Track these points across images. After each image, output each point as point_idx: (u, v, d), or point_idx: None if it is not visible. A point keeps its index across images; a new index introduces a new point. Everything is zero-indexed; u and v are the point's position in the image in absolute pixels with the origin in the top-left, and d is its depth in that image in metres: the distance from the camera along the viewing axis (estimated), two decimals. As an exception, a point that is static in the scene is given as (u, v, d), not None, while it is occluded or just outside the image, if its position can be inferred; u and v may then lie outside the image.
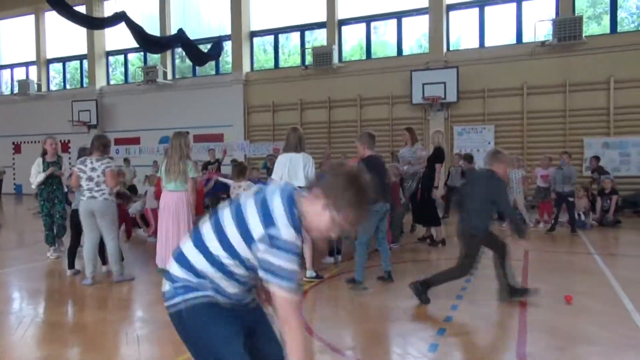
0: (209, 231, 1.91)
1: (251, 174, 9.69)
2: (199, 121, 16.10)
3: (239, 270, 1.88)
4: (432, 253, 7.05)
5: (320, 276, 5.54)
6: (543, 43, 12.17)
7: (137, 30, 11.30)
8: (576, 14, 11.94)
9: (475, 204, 4.56)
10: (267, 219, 1.78)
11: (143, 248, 7.89)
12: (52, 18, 18.42)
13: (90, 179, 5.31)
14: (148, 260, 6.47)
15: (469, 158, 10.06)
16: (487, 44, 13.21)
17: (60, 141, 14.66)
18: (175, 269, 1.95)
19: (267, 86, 15.43)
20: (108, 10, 16.77)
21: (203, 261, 1.89)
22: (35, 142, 17.36)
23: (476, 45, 13.31)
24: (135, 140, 17.55)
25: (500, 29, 13.14)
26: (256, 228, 1.79)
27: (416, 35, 14.24)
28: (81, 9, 15.41)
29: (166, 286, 1.96)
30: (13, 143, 19.53)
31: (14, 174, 18.78)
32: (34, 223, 10.43)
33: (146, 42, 11.77)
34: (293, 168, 5.40)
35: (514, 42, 12.95)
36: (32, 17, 19.39)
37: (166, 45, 13.27)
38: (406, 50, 14.21)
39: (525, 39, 12.85)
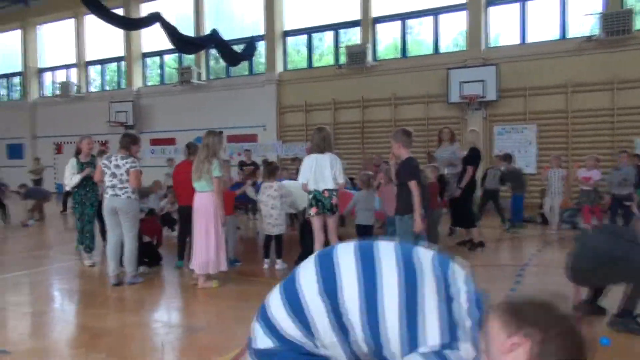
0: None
1: (281, 175, 9.55)
2: (232, 122, 16.10)
3: None
4: (470, 258, 6.71)
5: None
6: (589, 38, 11.56)
7: (171, 31, 11.34)
8: (625, 7, 11.28)
9: None
10: (452, 331, 1.31)
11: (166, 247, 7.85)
12: (92, 21, 18.84)
13: (113, 175, 5.33)
14: (172, 259, 6.42)
15: (507, 158, 9.61)
16: (528, 39, 12.66)
17: (98, 141, 15.00)
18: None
19: (300, 86, 15.28)
20: (144, 12, 17.00)
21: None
22: (74, 142, 17.76)
23: (517, 41, 12.77)
24: (171, 141, 17.72)
25: (543, 24, 12.56)
26: (431, 336, 1.31)
27: (453, 32, 13.80)
28: (118, 11, 15.68)
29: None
30: (54, 143, 20.08)
31: (54, 174, 19.29)
32: (69, 221, 10.61)
33: (180, 42, 11.80)
34: (319, 170, 5.20)
35: (558, 37, 12.35)
36: (72, 21, 19.89)
37: (200, 45, 13.29)
38: (443, 48, 13.79)
39: (570, 34, 12.24)
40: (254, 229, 9.69)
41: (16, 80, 22.26)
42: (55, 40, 20.91)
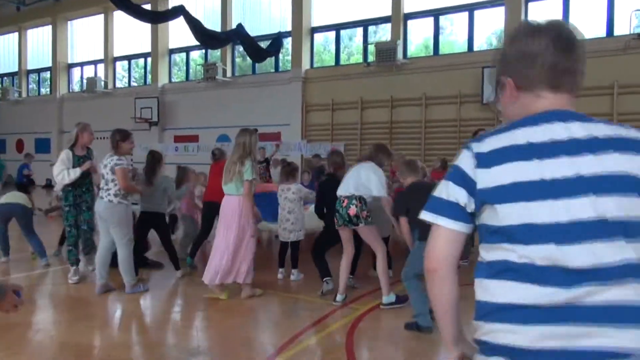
0: None
1: (302, 178, 9.03)
2: (256, 119, 15.68)
3: None
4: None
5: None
6: (639, 35, 10.69)
7: (194, 24, 11.01)
8: (681, 2, 10.41)
9: None
10: None
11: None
12: (120, 17, 18.79)
13: (102, 175, 4.97)
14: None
15: None
16: (571, 37, 11.83)
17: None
18: None
19: (327, 84, 14.78)
20: (171, 6, 16.80)
21: None
22: (101, 138, 17.69)
23: (559, 38, 11.95)
24: (194, 138, 17.50)
25: (587, 20, 11.72)
26: None
27: (489, 30, 13.06)
28: (146, 6, 15.50)
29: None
30: (80, 139, 20.09)
31: (80, 169, 19.28)
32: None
33: (204, 36, 11.47)
34: (351, 177, 4.71)
35: (604, 34, 11.51)
36: (101, 17, 19.87)
37: (224, 40, 12.93)
38: (478, 46, 13.07)
39: (617, 32, 11.39)
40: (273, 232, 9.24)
41: (46, 75, 22.43)
42: (84, 36, 20.98)
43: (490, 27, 13.00)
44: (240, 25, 12.86)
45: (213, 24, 15.49)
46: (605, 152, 1.13)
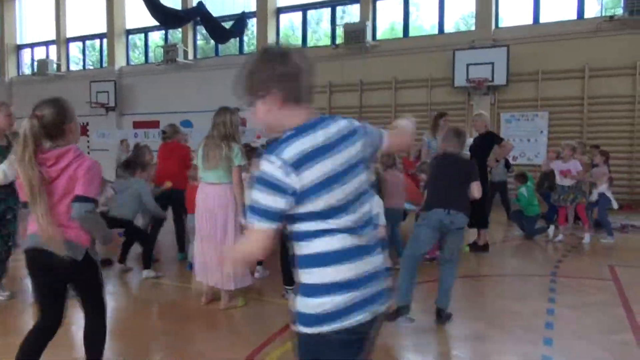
0: None
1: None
2: (219, 104, 14.73)
3: None
4: (480, 265, 5.73)
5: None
6: (611, 18, 10.54)
7: (151, 1, 10.20)
8: (652, -16, 10.27)
9: None
10: None
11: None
12: (73, -5, 17.71)
13: None
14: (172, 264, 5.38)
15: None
16: (542, 19, 11.63)
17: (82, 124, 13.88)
18: None
19: (294, 67, 14.18)
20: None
21: None
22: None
23: (530, 21, 11.74)
24: (155, 124, 16.60)
25: (558, 3, 11.53)
26: None
27: (460, 11, 12.73)
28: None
29: None
30: (32, 125, 18.89)
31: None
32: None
33: (161, 14, 10.69)
34: None
35: (575, 17, 11.33)
36: (52, -6, 18.62)
37: (184, 18, 12.17)
38: (449, 28, 12.73)
39: (588, 14, 11.23)
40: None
41: (-8, 57, 20.96)
42: (35, 15, 19.63)
43: (461, 9, 12.66)
44: (200, 3, 12.12)
45: (172, 1, 14.65)
46: (353, 143, 1.58)
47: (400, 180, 5.39)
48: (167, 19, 11.47)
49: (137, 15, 16.19)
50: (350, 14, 13.96)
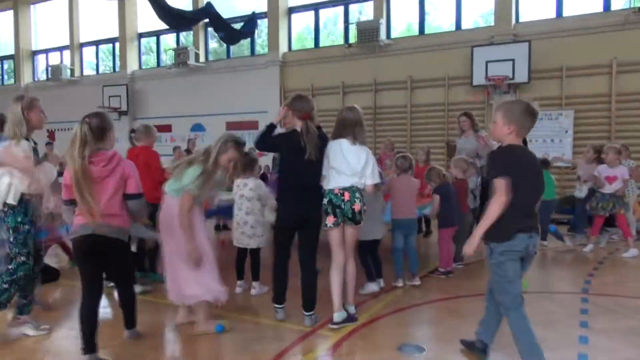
0: None
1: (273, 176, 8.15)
2: (232, 107, 14.76)
3: None
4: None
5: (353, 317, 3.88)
6: (639, 9, 9.91)
7: (157, 2, 9.92)
8: (685, -28, 9.62)
9: None
10: None
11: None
12: (86, 0, 17.63)
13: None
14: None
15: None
16: (566, 12, 11.02)
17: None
18: None
19: (306, 68, 13.83)
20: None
21: None
22: (67, 129, 16.62)
23: (553, 14, 11.14)
24: (167, 128, 16.45)
25: (583, -5, 10.93)
26: None
27: (479, 6, 12.17)
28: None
29: None
30: (47, 130, 18.88)
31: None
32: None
33: (168, 16, 10.40)
34: (345, 162, 3.78)
35: (601, 9, 10.70)
36: (65, 0, 18.59)
37: (192, 20, 11.89)
38: (466, 24, 12.18)
39: (615, 6, 10.59)
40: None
41: (8, 63, 21.09)
42: (49, 21, 19.66)
43: (479, 3, 12.10)
44: (209, 4, 11.81)
45: (182, 3, 14.42)
46: None
47: (414, 188, 4.92)
48: (174, 20, 11.19)
49: (150, 18, 16.00)
50: (365, 13, 13.51)
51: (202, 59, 15.80)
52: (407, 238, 4.75)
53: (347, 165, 3.71)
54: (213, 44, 16.25)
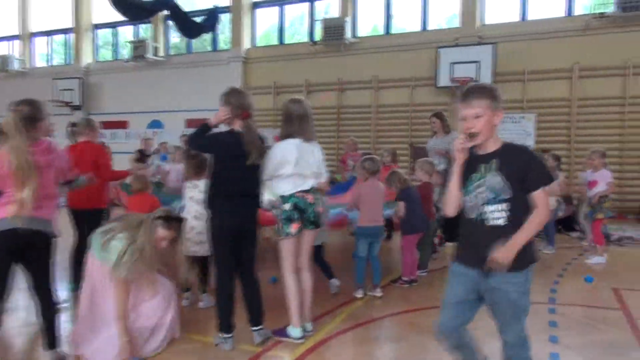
0: None
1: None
2: (192, 103, 14.22)
3: None
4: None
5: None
6: (602, 14, 10.01)
7: (111, -9, 9.36)
8: (644, -20, 9.76)
9: None
10: None
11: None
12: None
13: None
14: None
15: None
16: (530, 16, 11.07)
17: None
18: None
19: (270, 65, 13.46)
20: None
21: None
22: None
23: (517, 18, 11.17)
24: (123, 124, 15.79)
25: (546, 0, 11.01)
26: None
27: (445, 7, 12.09)
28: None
29: None
30: (-6, 124, 17.81)
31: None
32: None
33: (122, 5, 9.82)
34: (304, 162, 3.46)
35: (564, 13, 10.79)
36: (16, -14, 17.57)
37: (150, 11, 11.31)
38: (433, 24, 12.09)
39: (578, 10, 10.70)
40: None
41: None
42: (-2, 9, 18.54)
43: (445, 4, 12.03)
44: (168, -5, 11.29)
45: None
46: None
47: (381, 193, 4.62)
48: (130, 11, 10.60)
49: (106, 9, 15.24)
50: (330, 11, 13.24)
51: (161, 53, 15.20)
52: (371, 246, 4.47)
53: (308, 167, 3.40)
54: (175, 38, 15.67)
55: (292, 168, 3.31)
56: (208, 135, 3.31)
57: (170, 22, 14.21)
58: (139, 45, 14.60)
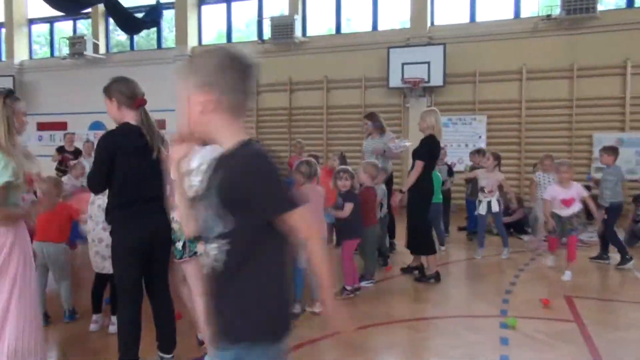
0: None
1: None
2: (135, 104, 13.44)
3: None
4: (421, 296, 4.74)
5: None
6: (548, 17, 10.05)
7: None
8: (588, -17, 9.87)
9: None
10: None
11: None
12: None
13: None
14: None
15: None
16: (479, 17, 11.04)
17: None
18: None
19: (217, 64, 12.89)
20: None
21: None
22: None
23: (466, 19, 11.11)
24: (62, 125, 14.81)
25: (495, 1, 10.98)
26: None
27: (395, 7, 11.91)
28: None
29: None
30: None
31: None
32: None
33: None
34: None
35: (512, 16, 10.80)
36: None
37: (84, 3, 10.56)
38: (383, 24, 11.89)
39: (525, 13, 10.73)
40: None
41: None
42: None
43: (396, 4, 11.85)
44: (105, -12, 10.58)
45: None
46: None
47: (320, 198, 4.25)
48: (63, 3, 9.82)
49: (41, 3, 14.28)
50: (279, 5, 12.83)
51: (102, 50, 14.36)
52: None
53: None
54: (121, 36, 14.85)
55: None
56: (108, 137, 2.79)
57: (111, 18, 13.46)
58: (76, 42, 13.73)
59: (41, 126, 15.09)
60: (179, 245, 2.91)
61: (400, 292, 4.80)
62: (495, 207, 6.09)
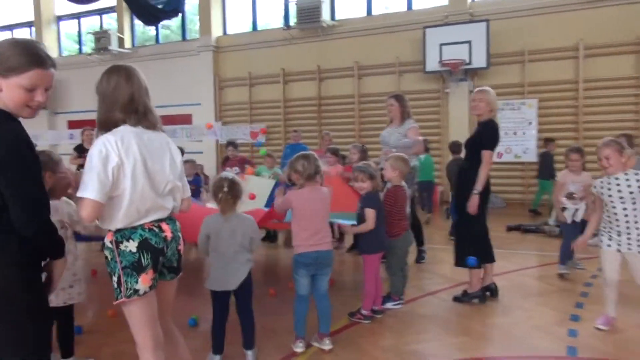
0: None
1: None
2: (162, 99, 12.88)
3: None
4: (464, 324, 3.82)
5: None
6: None
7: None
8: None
9: None
10: None
11: None
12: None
13: None
14: None
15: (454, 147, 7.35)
16: (528, -11, 9.83)
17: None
18: None
19: (243, 53, 12.25)
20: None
21: None
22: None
23: (513, -9, 9.92)
24: (92, 123, 14.44)
25: (546, -31, 9.73)
26: None
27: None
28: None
29: None
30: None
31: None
32: None
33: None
34: (152, 170, 2.08)
35: None
36: (-26, -22, 16.36)
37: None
38: (418, 3, 10.85)
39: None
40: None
41: None
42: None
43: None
44: (122, -22, 10.07)
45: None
46: None
47: (325, 203, 3.34)
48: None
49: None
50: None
51: (127, 44, 14.00)
52: (315, 280, 3.25)
53: (152, 178, 2.05)
54: (151, 30, 14.46)
55: (134, 181, 2.01)
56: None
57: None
58: (101, 37, 13.42)
59: (72, 124, 14.93)
60: (114, 280, 2.10)
61: (436, 317, 3.89)
62: (579, 216, 4.88)
